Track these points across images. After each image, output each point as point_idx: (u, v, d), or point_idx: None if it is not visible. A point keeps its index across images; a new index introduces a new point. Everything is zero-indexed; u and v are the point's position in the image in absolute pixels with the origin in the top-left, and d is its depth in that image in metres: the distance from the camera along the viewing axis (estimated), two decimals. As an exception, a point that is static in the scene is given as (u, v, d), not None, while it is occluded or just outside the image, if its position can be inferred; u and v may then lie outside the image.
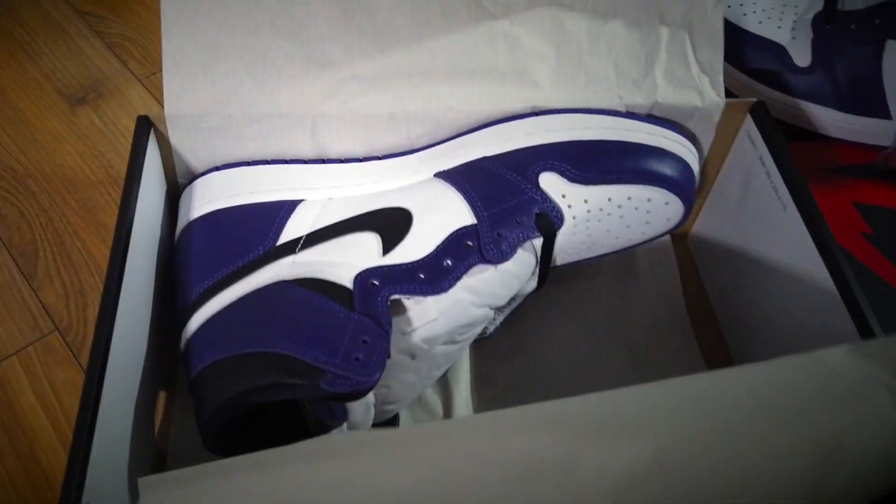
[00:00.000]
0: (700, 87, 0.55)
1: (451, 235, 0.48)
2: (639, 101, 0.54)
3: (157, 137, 0.53)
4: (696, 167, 0.53)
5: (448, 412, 0.55)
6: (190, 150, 0.54)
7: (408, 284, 0.46)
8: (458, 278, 0.47)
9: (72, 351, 0.59)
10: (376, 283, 0.46)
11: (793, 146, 0.69)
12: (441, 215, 0.49)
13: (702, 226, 0.63)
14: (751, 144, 0.55)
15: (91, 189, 0.69)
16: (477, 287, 0.48)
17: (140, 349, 0.48)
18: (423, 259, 0.47)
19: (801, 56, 0.68)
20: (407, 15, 0.53)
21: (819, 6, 0.68)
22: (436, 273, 0.47)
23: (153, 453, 0.51)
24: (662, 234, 0.55)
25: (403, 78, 0.54)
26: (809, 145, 0.70)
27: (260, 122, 0.53)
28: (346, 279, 0.46)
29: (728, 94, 0.59)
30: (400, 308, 0.47)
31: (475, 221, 0.48)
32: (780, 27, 0.70)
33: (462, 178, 0.50)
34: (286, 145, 0.55)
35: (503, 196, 0.49)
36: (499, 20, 0.54)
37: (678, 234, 0.65)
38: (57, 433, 0.55)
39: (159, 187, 0.54)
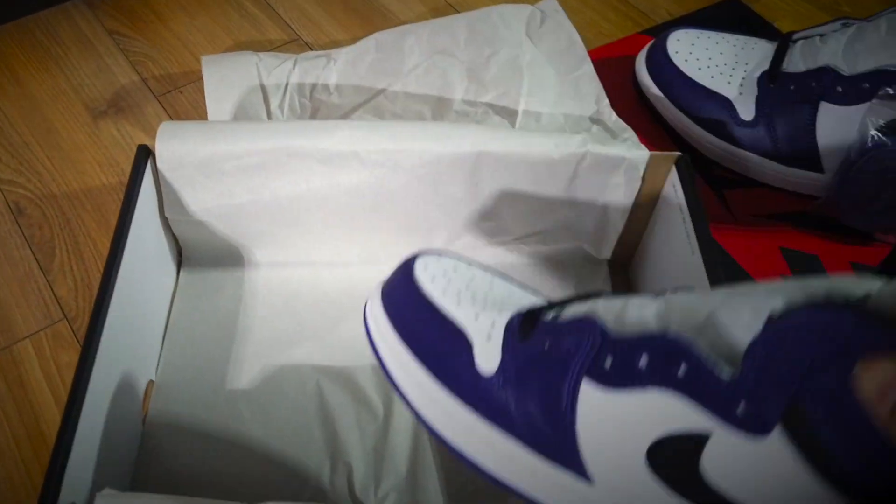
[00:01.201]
0: (625, 146, 0.65)
1: None
2: (572, 150, 0.64)
3: (153, 165, 0.64)
4: None
5: (389, 414, 0.64)
6: (176, 178, 0.65)
7: None
8: None
9: (77, 338, 0.70)
10: None
11: (734, 192, 0.79)
12: None
13: (639, 258, 0.73)
14: (674, 192, 0.65)
15: (105, 195, 0.80)
16: None
17: (127, 346, 0.59)
18: None
19: (746, 111, 0.78)
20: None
21: (765, 66, 0.78)
22: None
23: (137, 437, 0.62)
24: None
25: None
26: (750, 192, 0.80)
27: (240, 158, 0.64)
28: None
29: (680, 140, 0.69)
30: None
31: None
32: (729, 83, 0.79)
33: None
34: (261, 180, 0.65)
35: None
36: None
37: (620, 265, 0.75)
38: (59, 408, 0.66)
39: (154, 210, 0.66)
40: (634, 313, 0.39)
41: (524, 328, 0.42)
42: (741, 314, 0.34)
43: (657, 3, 1.03)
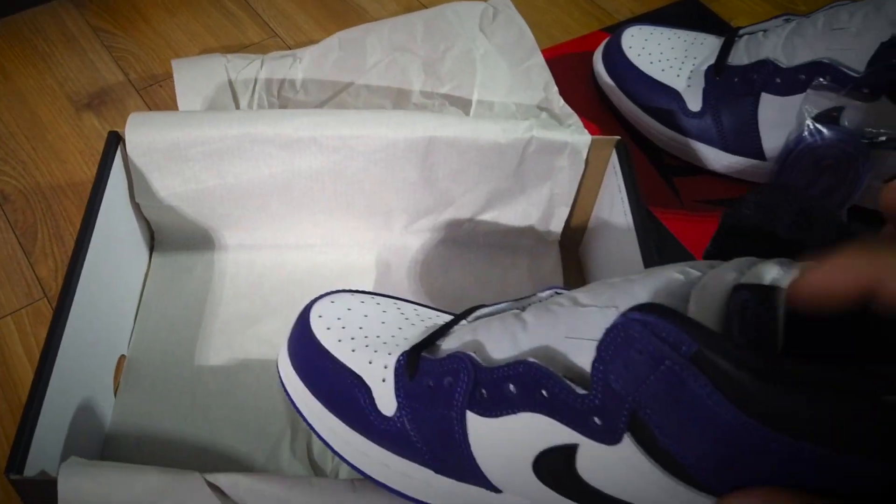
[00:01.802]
0: (569, 131, 0.68)
1: None
2: (518, 135, 0.67)
3: (123, 152, 0.68)
4: None
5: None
6: (145, 164, 0.68)
7: None
8: None
9: (55, 316, 0.73)
10: None
11: (683, 179, 0.82)
12: None
13: (588, 238, 0.76)
14: (615, 175, 0.68)
15: (86, 183, 0.83)
16: None
17: (98, 321, 0.62)
18: None
19: (694, 102, 0.81)
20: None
21: (712, 60, 0.81)
22: None
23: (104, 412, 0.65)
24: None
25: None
26: (697, 179, 0.83)
27: (204, 144, 0.67)
28: None
29: (633, 130, 0.73)
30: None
31: None
32: (678, 76, 0.83)
33: None
34: (226, 165, 0.69)
35: None
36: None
37: (570, 246, 0.78)
38: (36, 380, 0.69)
39: (125, 194, 0.69)
40: (496, 344, 0.42)
41: (410, 368, 0.45)
42: (589, 331, 0.37)
43: (621, 3, 1.06)
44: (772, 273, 0.34)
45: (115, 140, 0.66)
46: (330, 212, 0.73)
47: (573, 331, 0.39)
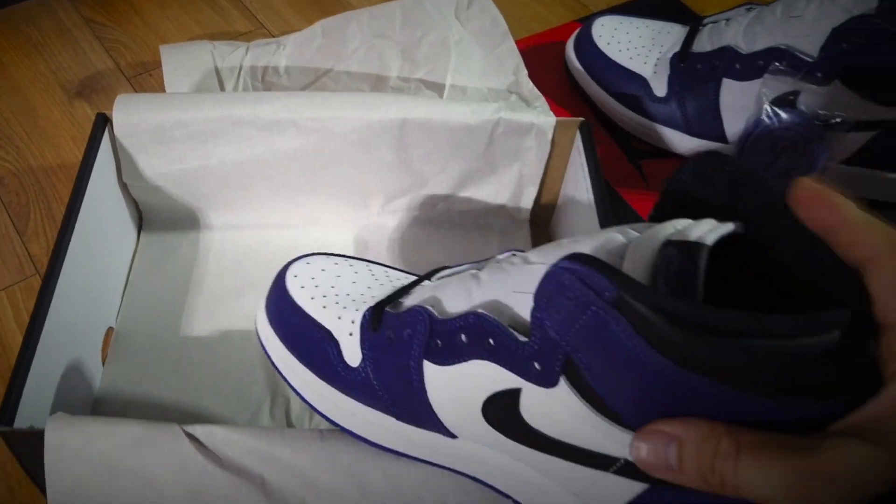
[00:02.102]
0: (535, 113, 0.71)
1: None
2: (487, 116, 0.70)
3: (110, 133, 0.71)
4: None
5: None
6: (132, 144, 0.71)
7: None
8: None
9: (46, 291, 0.76)
10: None
11: (649, 162, 0.85)
12: None
13: (556, 216, 0.79)
14: (578, 155, 0.71)
15: (77, 167, 0.85)
16: None
17: (86, 293, 0.65)
18: None
19: (659, 88, 0.84)
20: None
21: (678, 48, 0.84)
22: None
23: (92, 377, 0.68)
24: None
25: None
26: (663, 162, 0.86)
27: (188, 125, 0.70)
28: None
29: (602, 115, 0.76)
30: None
31: None
32: (645, 63, 0.86)
33: None
34: (209, 147, 0.71)
35: None
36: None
37: (541, 224, 0.81)
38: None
39: (112, 175, 0.72)
40: (452, 300, 0.45)
41: (374, 321, 0.48)
42: (533, 285, 0.39)
43: (598, -4, 1.09)
44: (698, 232, 0.36)
45: (102, 121, 0.69)
46: (310, 192, 0.76)
47: (520, 285, 0.41)
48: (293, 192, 0.75)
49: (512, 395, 0.41)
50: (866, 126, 0.72)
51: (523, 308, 0.40)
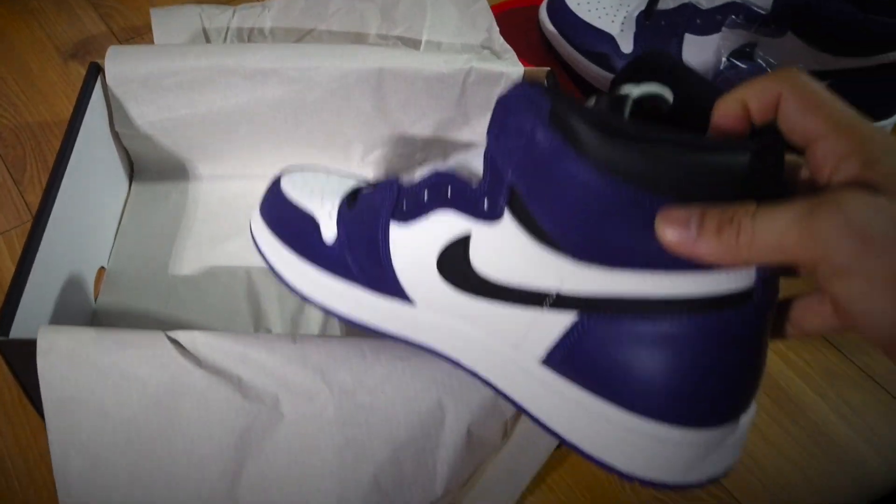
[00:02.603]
0: (505, 63, 0.75)
1: None
2: (459, 66, 0.74)
3: (103, 83, 0.74)
4: None
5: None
6: (123, 93, 0.74)
7: None
8: None
9: (42, 235, 0.79)
10: None
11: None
12: None
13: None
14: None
15: (72, 122, 0.89)
16: None
17: (78, 234, 0.68)
18: None
19: (626, 45, 0.87)
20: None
21: (644, 6, 0.88)
22: None
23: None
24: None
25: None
26: (631, 116, 0.89)
27: (177, 74, 0.73)
28: None
29: (573, 73, 0.79)
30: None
31: None
32: (613, 21, 0.89)
33: None
34: (196, 95, 0.74)
35: None
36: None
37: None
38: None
39: (105, 123, 0.75)
40: (421, 173, 0.48)
41: (350, 201, 0.52)
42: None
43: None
44: (624, 90, 0.40)
45: (95, 70, 0.72)
46: (292, 143, 0.79)
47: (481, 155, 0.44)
48: (277, 143, 0.78)
49: (463, 243, 0.43)
50: (819, 75, 0.76)
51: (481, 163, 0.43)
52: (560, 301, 0.39)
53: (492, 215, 0.41)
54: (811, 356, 0.67)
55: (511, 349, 0.43)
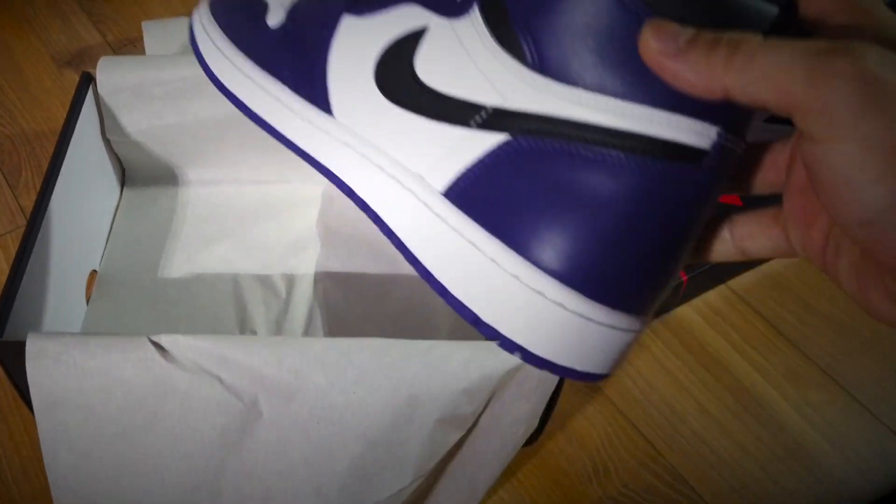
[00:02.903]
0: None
1: None
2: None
3: (94, 91, 0.76)
4: None
5: (290, 294, 0.76)
6: (114, 102, 0.76)
7: None
8: None
9: (36, 239, 0.81)
10: None
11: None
12: None
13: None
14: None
15: (66, 128, 0.92)
16: None
17: (70, 238, 0.71)
18: None
19: None
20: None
21: None
22: None
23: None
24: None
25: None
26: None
27: (166, 83, 0.76)
28: None
29: None
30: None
31: None
32: None
33: None
34: (185, 104, 0.76)
35: None
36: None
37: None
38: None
39: (97, 131, 0.78)
40: None
41: None
42: None
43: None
44: None
45: (87, 79, 0.74)
46: (279, 148, 0.80)
47: None
48: (263, 149, 0.80)
49: (413, 41, 0.38)
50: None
51: None
52: (493, 119, 0.34)
53: (459, 11, 0.36)
54: (776, 358, 0.69)
55: (415, 180, 0.38)
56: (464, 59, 0.36)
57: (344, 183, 0.41)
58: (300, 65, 0.43)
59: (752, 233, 0.36)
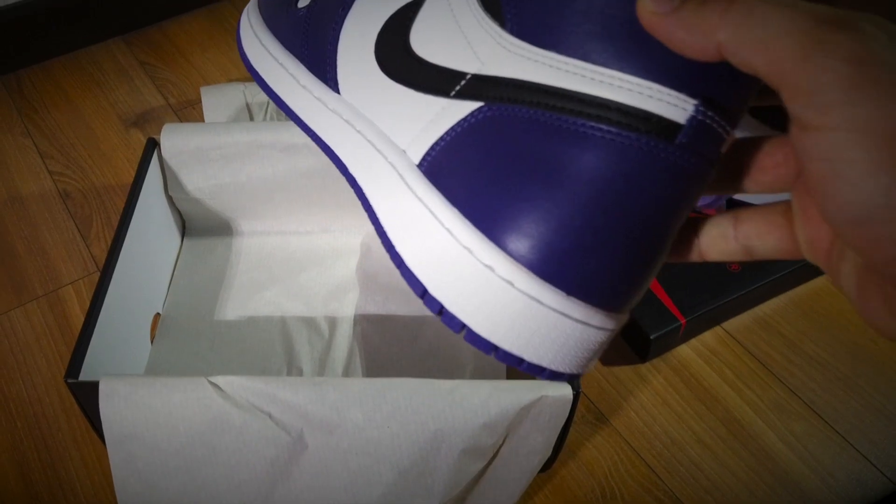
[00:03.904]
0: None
1: None
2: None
3: (159, 153, 0.82)
4: None
5: (332, 335, 0.81)
6: (176, 163, 0.82)
7: None
8: None
9: (106, 284, 0.87)
10: None
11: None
12: None
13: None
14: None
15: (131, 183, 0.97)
16: None
17: (137, 285, 0.76)
18: None
19: None
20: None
21: None
22: None
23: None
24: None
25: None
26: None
27: (222, 148, 0.81)
28: None
29: None
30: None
31: None
32: None
33: None
34: (239, 165, 0.82)
35: None
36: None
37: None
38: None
39: (160, 189, 0.83)
40: None
41: None
42: None
43: None
44: None
45: (152, 145, 0.80)
46: (322, 203, 0.86)
47: None
48: (308, 204, 0.85)
49: (412, 11, 0.36)
50: None
51: None
52: (471, 86, 0.32)
53: None
54: (764, 393, 0.73)
55: (398, 155, 0.35)
56: (452, 28, 0.34)
57: (341, 161, 0.39)
58: (315, 43, 0.41)
59: (759, 231, 0.30)
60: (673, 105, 0.28)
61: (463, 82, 0.33)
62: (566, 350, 0.30)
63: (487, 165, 0.31)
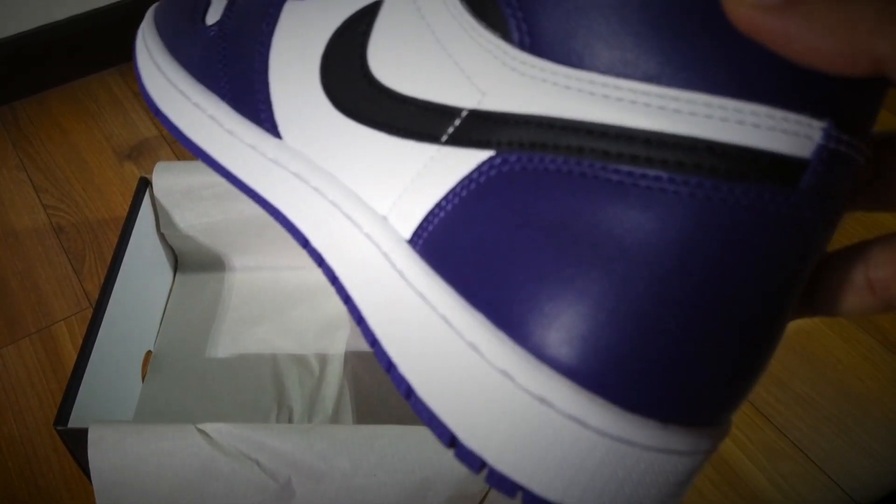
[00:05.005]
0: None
1: None
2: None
3: (151, 192, 0.82)
4: None
5: (322, 374, 0.80)
6: (168, 202, 0.82)
7: None
8: None
9: (98, 320, 0.87)
10: None
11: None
12: None
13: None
14: None
15: (124, 219, 0.97)
16: None
17: (129, 322, 0.76)
18: None
19: None
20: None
21: None
22: None
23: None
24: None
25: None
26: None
27: (213, 186, 0.81)
28: None
29: None
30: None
31: None
32: None
33: None
34: (230, 203, 0.82)
35: None
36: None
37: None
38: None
39: (152, 226, 0.83)
40: None
41: None
42: None
43: None
44: None
45: (144, 183, 0.80)
46: (312, 239, 0.86)
47: None
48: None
49: (365, 21, 0.26)
50: None
51: None
52: (469, 127, 0.23)
53: None
54: (754, 434, 0.73)
55: (376, 223, 0.26)
56: (428, 42, 0.24)
57: (298, 231, 0.29)
58: (237, 72, 0.31)
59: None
60: (793, 134, 0.18)
61: (458, 122, 0.23)
62: (656, 497, 0.21)
63: (514, 244, 0.21)
